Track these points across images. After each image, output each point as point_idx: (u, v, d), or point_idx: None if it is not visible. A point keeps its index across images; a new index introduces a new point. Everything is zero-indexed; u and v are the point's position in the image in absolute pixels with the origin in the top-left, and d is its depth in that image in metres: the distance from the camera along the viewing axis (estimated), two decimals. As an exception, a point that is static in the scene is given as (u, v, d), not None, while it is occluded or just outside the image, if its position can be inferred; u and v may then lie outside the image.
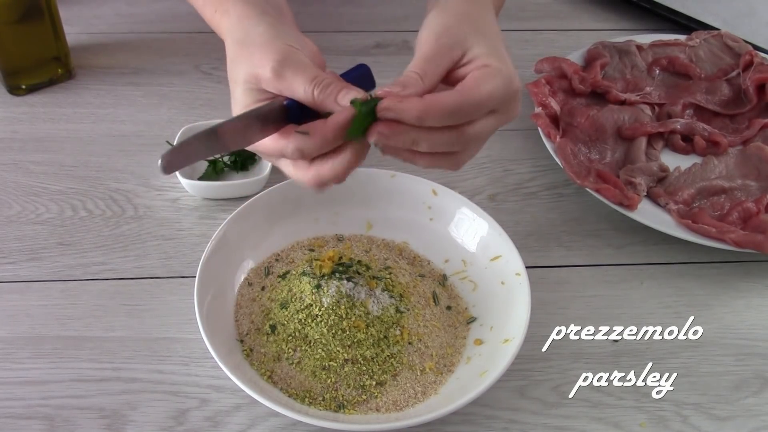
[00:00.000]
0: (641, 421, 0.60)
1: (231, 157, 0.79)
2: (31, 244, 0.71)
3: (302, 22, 1.04)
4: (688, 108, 0.86)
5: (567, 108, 0.83)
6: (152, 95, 0.89)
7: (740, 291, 0.71)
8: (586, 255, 0.73)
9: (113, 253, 0.71)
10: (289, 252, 0.69)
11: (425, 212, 0.71)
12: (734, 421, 0.60)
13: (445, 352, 0.61)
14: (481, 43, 0.51)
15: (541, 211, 0.78)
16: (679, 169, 0.79)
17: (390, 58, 0.97)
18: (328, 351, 0.58)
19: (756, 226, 0.71)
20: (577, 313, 0.68)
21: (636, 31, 1.02)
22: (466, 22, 0.52)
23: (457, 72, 0.51)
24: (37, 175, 0.78)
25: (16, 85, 0.87)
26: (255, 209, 0.68)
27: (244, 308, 0.64)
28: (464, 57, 0.51)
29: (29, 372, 0.61)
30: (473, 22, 0.53)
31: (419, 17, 0.55)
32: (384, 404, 0.57)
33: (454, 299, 0.66)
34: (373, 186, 0.71)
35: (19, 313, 0.65)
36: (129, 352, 0.63)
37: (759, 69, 0.87)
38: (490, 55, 0.50)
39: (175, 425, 0.58)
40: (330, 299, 0.59)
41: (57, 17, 0.85)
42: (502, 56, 0.51)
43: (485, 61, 0.50)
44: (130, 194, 0.76)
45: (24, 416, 0.58)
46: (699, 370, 0.64)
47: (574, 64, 0.88)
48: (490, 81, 0.49)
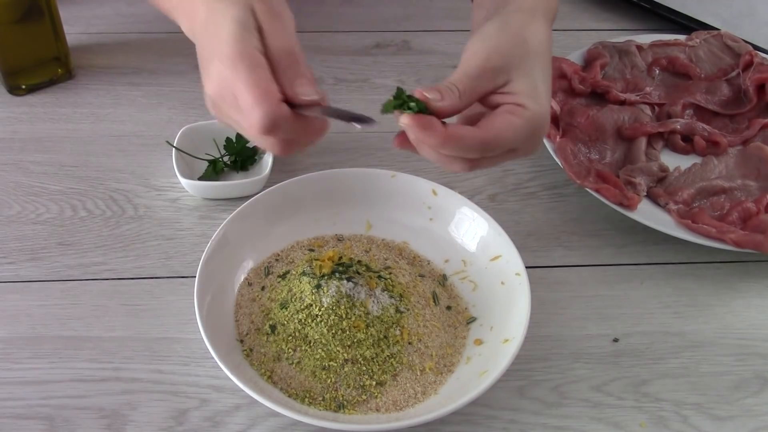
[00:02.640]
0: (641, 421, 0.60)
1: (231, 157, 0.79)
2: (31, 244, 0.71)
3: (302, 22, 1.04)
4: (688, 108, 0.86)
5: (567, 108, 0.83)
6: (152, 95, 0.89)
7: (740, 291, 0.71)
8: (586, 255, 0.73)
9: (113, 253, 0.71)
10: (289, 252, 0.69)
11: (425, 212, 0.71)
12: (734, 421, 0.60)
13: (445, 352, 0.61)
14: (524, 79, 0.51)
15: (541, 211, 0.78)
16: (679, 169, 0.79)
17: (390, 58, 0.97)
18: (328, 351, 0.58)
19: (756, 226, 0.71)
20: (577, 313, 0.68)
21: (636, 31, 1.02)
22: (521, 48, 0.52)
23: (493, 97, 0.51)
24: (37, 175, 0.78)
25: (16, 85, 0.87)
26: (255, 209, 0.68)
27: (244, 308, 0.64)
28: (505, 86, 0.51)
29: (29, 372, 0.61)
30: (527, 50, 0.52)
31: (419, 17, 0.55)
32: (384, 404, 0.57)
33: (454, 299, 0.66)
34: (373, 186, 0.71)
35: (19, 313, 0.65)
36: (129, 352, 0.63)
37: (759, 69, 0.87)
38: (529, 96, 0.50)
39: (175, 425, 0.58)
40: (330, 299, 0.59)
41: (57, 17, 0.85)
42: (540, 96, 0.51)
43: (521, 101, 0.50)
44: (130, 194, 0.76)
45: (24, 416, 0.58)
46: (699, 370, 0.64)
47: (574, 64, 0.88)
48: (518, 127, 0.49)
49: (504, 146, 0.50)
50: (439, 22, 1.03)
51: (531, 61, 0.52)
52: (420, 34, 1.01)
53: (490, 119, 0.50)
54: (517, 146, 0.51)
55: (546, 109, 0.51)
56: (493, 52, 0.51)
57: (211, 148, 0.79)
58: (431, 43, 1.00)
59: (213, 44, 0.50)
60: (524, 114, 0.50)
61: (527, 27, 0.53)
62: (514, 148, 0.51)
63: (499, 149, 0.50)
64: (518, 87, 0.50)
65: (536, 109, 0.50)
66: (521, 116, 0.50)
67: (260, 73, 0.48)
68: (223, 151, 0.79)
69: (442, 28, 1.02)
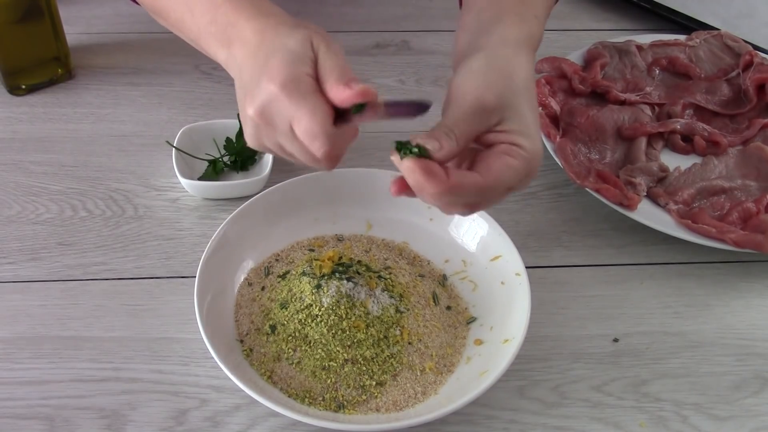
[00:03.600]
0: (641, 421, 0.60)
1: (231, 157, 0.79)
2: (31, 244, 0.71)
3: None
4: (688, 108, 0.86)
5: (567, 108, 0.83)
6: (152, 95, 0.89)
7: (740, 291, 0.71)
8: (586, 255, 0.73)
9: (113, 253, 0.71)
10: (289, 252, 0.69)
11: (425, 212, 0.71)
12: (734, 421, 0.60)
13: (445, 352, 0.61)
14: (516, 118, 0.51)
15: (541, 211, 0.78)
16: (679, 169, 0.79)
17: (390, 58, 0.97)
18: (328, 351, 0.58)
19: (756, 226, 0.71)
20: (577, 313, 0.68)
21: (636, 31, 1.02)
22: (510, 85, 0.52)
23: (487, 136, 0.51)
24: (37, 175, 0.78)
25: (16, 85, 0.87)
26: (255, 209, 0.68)
27: (244, 308, 0.64)
28: (498, 125, 0.51)
29: (29, 372, 0.61)
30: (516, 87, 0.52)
31: (419, 17, 0.55)
32: (384, 404, 0.57)
33: (454, 299, 0.66)
34: (373, 186, 0.71)
35: (19, 313, 0.65)
36: (129, 352, 0.63)
37: (759, 69, 0.87)
38: (522, 134, 0.51)
39: (175, 425, 0.58)
40: (330, 299, 0.59)
41: (57, 17, 0.85)
42: (532, 134, 0.51)
43: (516, 140, 0.50)
44: (130, 194, 0.76)
45: (24, 416, 0.58)
46: (699, 370, 0.64)
47: (574, 64, 0.88)
48: (516, 168, 0.50)
49: (504, 187, 0.50)
50: (439, 22, 1.03)
51: (520, 97, 0.52)
52: (420, 34, 1.01)
53: (487, 162, 0.50)
54: (514, 185, 0.51)
55: (539, 145, 0.52)
56: (485, 91, 0.51)
57: (211, 148, 0.79)
58: (431, 43, 1.00)
59: (263, 70, 0.50)
60: (521, 154, 0.50)
61: (513, 61, 0.54)
62: (512, 186, 0.51)
63: (498, 191, 0.50)
64: (511, 126, 0.51)
65: (531, 148, 0.51)
66: (518, 156, 0.50)
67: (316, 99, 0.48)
68: (223, 151, 0.79)
69: (441, 28, 1.02)
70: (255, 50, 0.52)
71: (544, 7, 0.63)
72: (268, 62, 0.50)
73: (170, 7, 0.61)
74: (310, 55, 0.50)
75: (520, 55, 0.55)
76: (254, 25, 0.53)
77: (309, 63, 0.50)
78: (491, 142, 0.51)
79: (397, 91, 0.91)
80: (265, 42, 0.52)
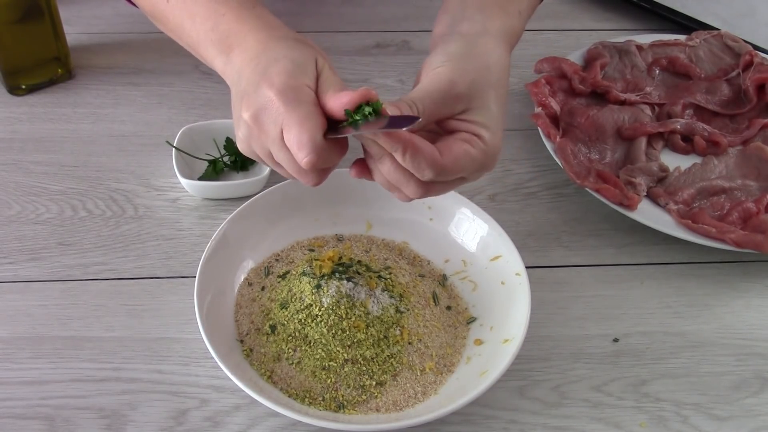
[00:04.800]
0: (641, 421, 0.60)
1: (231, 157, 0.79)
2: (31, 244, 0.71)
3: (302, 22, 1.04)
4: (688, 108, 0.86)
5: (567, 108, 0.83)
6: (152, 95, 0.89)
7: (740, 291, 0.71)
8: (586, 255, 0.73)
9: (113, 253, 0.71)
10: (289, 252, 0.69)
11: (425, 212, 0.71)
12: (734, 421, 0.60)
13: (445, 352, 0.61)
14: (483, 110, 0.51)
15: (541, 211, 0.78)
16: (679, 169, 0.79)
17: (390, 58, 0.97)
18: (328, 351, 0.58)
19: (756, 226, 0.71)
20: (577, 313, 0.68)
21: (636, 31, 1.02)
22: (484, 77, 0.52)
23: (450, 122, 0.52)
24: (37, 175, 0.78)
25: (16, 85, 0.87)
26: (255, 209, 0.68)
27: (244, 308, 0.64)
28: (464, 113, 0.51)
29: (29, 372, 0.61)
30: (489, 80, 0.52)
31: (419, 17, 0.55)
32: (384, 404, 0.57)
33: (454, 299, 0.66)
34: (373, 186, 0.70)
35: (19, 313, 0.65)
36: (129, 352, 0.63)
37: (759, 69, 0.87)
38: (485, 126, 0.51)
39: (175, 425, 0.58)
40: (330, 299, 0.59)
41: (57, 17, 0.85)
42: (495, 129, 0.52)
43: (478, 131, 0.51)
44: (130, 194, 0.76)
45: (24, 416, 0.58)
46: (699, 370, 0.64)
47: (574, 64, 0.88)
48: (474, 157, 0.50)
49: (458, 173, 0.50)
50: (439, 22, 1.03)
51: (491, 91, 0.52)
52: (420, 34, 1.01)
53: (447, 144, 0.50)
54: (467, 175, 0.51)
55: (499, 141, 0.52)
56: (458, 78, 0.51)
57: (211, 148, 0.79)
58: (431, 43, 1.00)
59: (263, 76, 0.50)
60: (480, 146, 0.51)
61: (493, 53, 0.54)
62: (465, 176, 0.52)
63: (452, 176, 0.50)
64: (476, 117, 0.51)
65: (492, 142, 0.51)
66: (477, 147, 0.50)
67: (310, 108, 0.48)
68: (223, 151, 0.79)
69: (442, 28, 1.02)
70: (256, 57, 0.52)
71: (528, 5, 0.63)
72: (269, 69, 0.50)
73: (170, 12, 0.61)
74: (313, 71, 0.50)
75: (500, 47, 0.55)
76: (258, 35, 0.54)
77: (311, 77, 0.50)
78: (453, 129, 0.51)
79: (398, 91, 0.91)
80: (268, 51, 0.52)
